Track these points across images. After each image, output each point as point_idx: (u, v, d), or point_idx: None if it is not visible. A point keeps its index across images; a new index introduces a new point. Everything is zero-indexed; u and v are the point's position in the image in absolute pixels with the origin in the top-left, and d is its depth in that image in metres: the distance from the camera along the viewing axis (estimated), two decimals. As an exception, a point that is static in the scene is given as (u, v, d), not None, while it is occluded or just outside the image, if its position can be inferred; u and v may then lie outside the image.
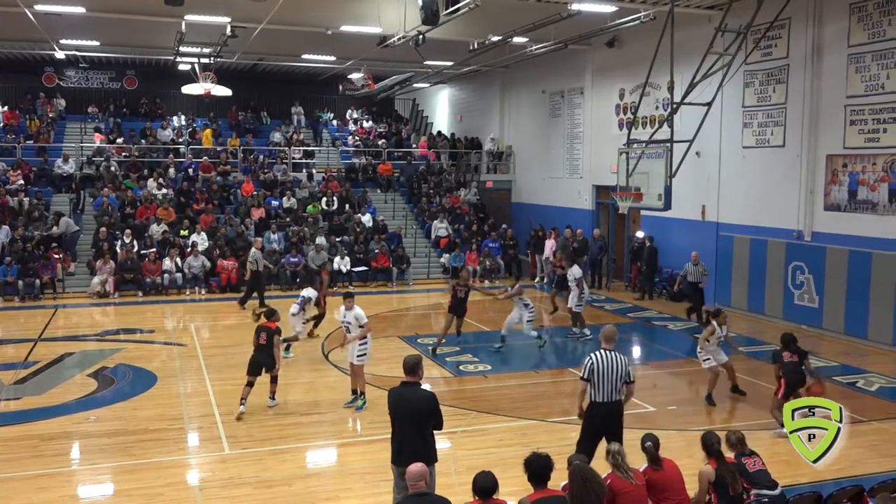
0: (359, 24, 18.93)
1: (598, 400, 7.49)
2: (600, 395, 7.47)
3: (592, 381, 7.50)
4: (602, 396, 7.48)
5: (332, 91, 31.03)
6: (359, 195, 25.65)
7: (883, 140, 14.54)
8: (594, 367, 7.48)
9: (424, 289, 21.75)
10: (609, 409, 7.50)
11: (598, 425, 7.50)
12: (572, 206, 24.01)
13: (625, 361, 7.58)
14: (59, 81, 30.07)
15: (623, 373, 7.52)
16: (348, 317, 10.81)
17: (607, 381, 7.45)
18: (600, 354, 7.55)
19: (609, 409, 7.49)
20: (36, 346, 14.51)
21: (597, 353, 7.58)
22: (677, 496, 6.31)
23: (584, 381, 7.62)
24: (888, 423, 10.35)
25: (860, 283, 14.81)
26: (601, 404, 7.49)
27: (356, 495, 8.03)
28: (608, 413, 7.49)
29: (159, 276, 20.11)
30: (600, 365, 7.47)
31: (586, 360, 7.62)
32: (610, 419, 7.50)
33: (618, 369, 7.48)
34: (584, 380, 7.59)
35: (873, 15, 14.60)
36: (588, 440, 7.58)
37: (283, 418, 10.51)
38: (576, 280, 15.00)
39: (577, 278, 15.05)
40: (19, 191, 22.61)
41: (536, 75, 25.43)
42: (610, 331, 7.95)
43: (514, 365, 12.48)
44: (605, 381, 7.45)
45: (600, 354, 7.55)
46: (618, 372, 7.48)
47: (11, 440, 9.53)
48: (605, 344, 7.74)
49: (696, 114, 16.50)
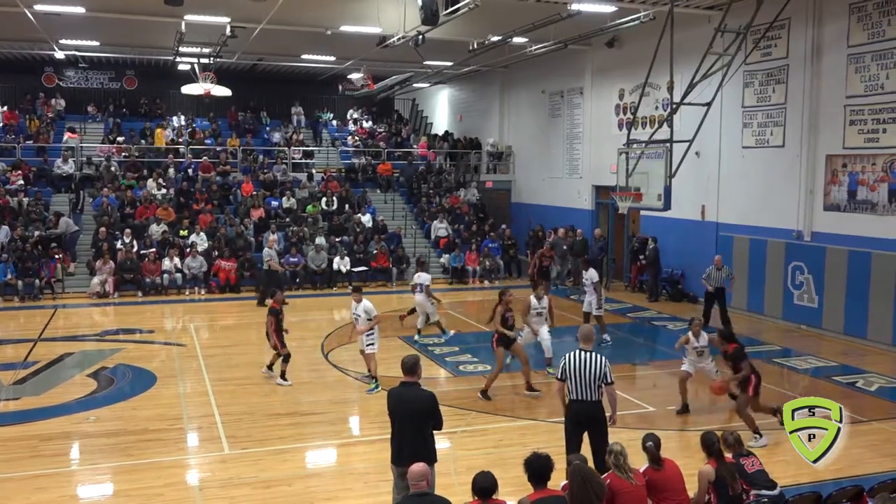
0: (358, 25, 18.93)
1: (574, 398, 7.62)
2: (575, 393, 7.59)
3: (567, 381, 7.62)
4: (577, 395, 7.58)
5: (331, 91, 31.03)
6: (358, 195, 25.65)
7: (882, 140, 14.55)
8: (566, 367, 7.61)
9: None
10: (584, 408, 7.56)
11: (576, 422, 7.63)
12: (572, 206, 24.02)
13: (602, 363, 7.56)
14: (58, 81, 30.07)
15: (599, 374, 7.52)
16: (358, 309, 11.52)
17: (581, 381, 7.52)
18: (574, 354, 7.63)
19: (584, 407, 7.56)
20: (35, 346, 14.50)
21: (571, 354, 7.67)
22: (677, 496, 6.31)
23: (559, 381, 7.79)
24: (888, 423, 10.35)
25: (860, 283, 14.82)
26: (577, 402, 7.60)
27: (356, 495, 8.03)
28: (583, 411, 7.57)
29: (159, 276, 20.10)
30: (573, 364, 7.56)
31: (561, 360, 7.75)
32: (586, 418, 7.58)
33: (593, 370, 7.50)
34: (559, 380, 7.76)
35: (873, 15, 14.60)
36: (570, 438, 7.69)
37: (283, 418, 10.51)
38: (593, 284, 14.49)
39: (595, 282, 14.52)
40: (19, 191, 22.60)
41: (536, 75, 25.43)
42: (587, 331, 8.02)
43: (514, 365, 12.44)
44: (579, 380, 7.52)
45: (574, 354, 7.63)
46: (593, 372, 7.50)
47: (11, 440, 9.52)
48: (581, 344, 7.78)
49: (695, 114, 16.51)
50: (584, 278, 14.81)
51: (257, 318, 17.71)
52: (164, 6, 15.60)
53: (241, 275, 20.69)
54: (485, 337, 15.42)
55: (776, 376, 12.86)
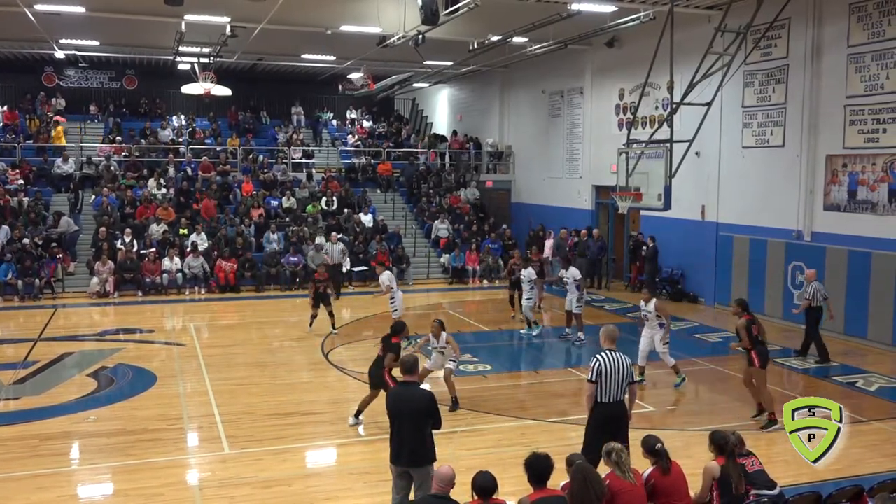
0: (358, 24, 18.92)
1: (604, 401, 7.42)
2: (606, 395, 7.41)
3: (599, 383, 7.41)
4: (608, 397, 7.41)
5: (331, 91, 31.03)
6: (358, 195, 25.65)
7: (882, 140, 14.54)
8: (601, 369, 7.38)
9: (424, 289, 21.74)
10: (614, 411, 7.45)
11: (604, 427, 7.39)
12: (572, 206, 24.01)
13: (628, 362, 7.54)
14: (58, 81, 30.07)
15: (628, 373, 7.48)
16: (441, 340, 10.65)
17: (613, 382, 7.39)
18: (606, 355, 7.45)
19: (614, 409, 7.45)
20: (35, 345, 14.50)
21: (603, 355, 7.48)
22: (682, 501, 6.27)
23: (591, 384, 7.49)
24: (888, 423, 10.35)
25: (860, 283, 14.81)
26: (606, 405, 7.42)
27: (356, 495, 8.03)
28: (613, 414, 7.44)
29: (159, 275, 20.10)
30: (607, 366, 7.38)
31: (593, 361, 7.51)
32: (615, 420, 7.45)
33: (623, 370, 7.44)
34: (592, 382, 7.47)
35: (873, 15, 14.60)
36: (594, 442, 7.33)
37: (283, 418, 10.51)
38: (575, 281, 14.73)
39: (577, 280, 14.78)
40: (19, 190, 22.60)
41: (536, 75, 25.43)
42: (612, 331, 7.85)
43: (514, 365, 12.46)
44: (611, 382, 7.39)
45: (606, 355, 7.45)
46: (623, 372, 7.43)
47: (10, 440, 9.51)
48: (608, 345, 7.66)
49: (695, 114, 16.50)
50: (566, 276, 14.88)
51: (258, 318, 17.79)
52: (164, 6, 15.59)
53: (241, 275, 20.68)
54: (485, 337, 15.46)
55: (777, 376, 12.85)
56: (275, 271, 21.04)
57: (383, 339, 10.04)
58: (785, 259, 16.51)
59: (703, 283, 19.07)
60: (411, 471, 6.71)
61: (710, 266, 18.66)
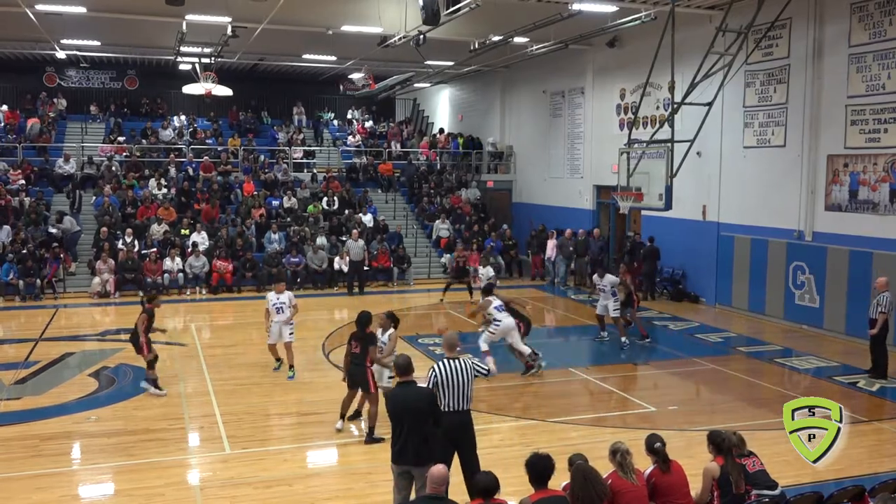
0: (359, 24, 18.94)
1: (447, 409, 7.18)
2: (448, 404, 7.18)
3: (438, 394, 7.15)
4: (450, 406, 7.18)
5: (332, 91, 31.05)
6: (359, 195, 25.66)
7: (884, 140, 14.53)
8: (437, 379, 7.13)
9: (425, 289, 21.73)
10: (457, 419, 7.20)
11: (447, 435, 7.13)
12: (573, 206, 24.01)
13: (469, 367, 7.31)
14: (59, 81, 30.13)
15: (469, 378, 7.23)
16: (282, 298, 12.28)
17: (454, 391, 7.17)
18: (444, 364, 7.22)
19: (457, 418, 7.20)
20: (37, 345, 14.51)
21: (439, 364, 7.25)
22: (682, 500, 6.27)
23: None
24: (889, 423, 10.35)
25: (861, 284, 14.78)
26: (449, 414, 7.16)
27: (356, 495, 8.03)
28: (457, 423, 7.19)
29: (160, 275, 20.10)
30: (443, 375, 7.16)
31: (429, 371, 7.30)
32: (459, 429, 7.22)
33: (463, 376, 7.20)
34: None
35: (874, 15, 14.59)
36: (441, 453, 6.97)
37: (283, 418, 10.52)
38: (612, 287, 14.46)
39: (614, 286, 14.48)
40: (20, 191, 22.62)
41: (537, 75, 25.43)
42: (451, 338, 7.63)
43: (514, 365, 12.44)
44: (452, 390, 7.16)
45: (444, 364, 7.22)
46: (464, 379, 7.20)
47: (11, 440, 9.52)
48: (448, 352, 7.46)
49: (696, 114, 16.49)
50: (601, 284, 14.65)
51: (259, 318, 17.71)
52: (165, 6, 15.60)
53: (241, 275, 20.68)
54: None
55: (777, 376, 12.88)
56: (276, 271, 21.01)
57: (354, 335, 9.67)
58: (786, 259, 16.50)
59: (704, 284, 19.06)
60: (413, 470, 6.72)
61: (711, 266, 18.65)
